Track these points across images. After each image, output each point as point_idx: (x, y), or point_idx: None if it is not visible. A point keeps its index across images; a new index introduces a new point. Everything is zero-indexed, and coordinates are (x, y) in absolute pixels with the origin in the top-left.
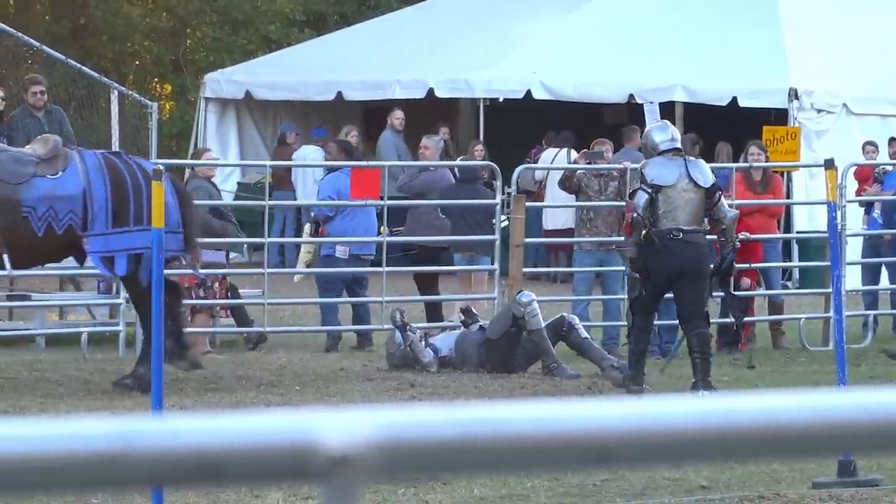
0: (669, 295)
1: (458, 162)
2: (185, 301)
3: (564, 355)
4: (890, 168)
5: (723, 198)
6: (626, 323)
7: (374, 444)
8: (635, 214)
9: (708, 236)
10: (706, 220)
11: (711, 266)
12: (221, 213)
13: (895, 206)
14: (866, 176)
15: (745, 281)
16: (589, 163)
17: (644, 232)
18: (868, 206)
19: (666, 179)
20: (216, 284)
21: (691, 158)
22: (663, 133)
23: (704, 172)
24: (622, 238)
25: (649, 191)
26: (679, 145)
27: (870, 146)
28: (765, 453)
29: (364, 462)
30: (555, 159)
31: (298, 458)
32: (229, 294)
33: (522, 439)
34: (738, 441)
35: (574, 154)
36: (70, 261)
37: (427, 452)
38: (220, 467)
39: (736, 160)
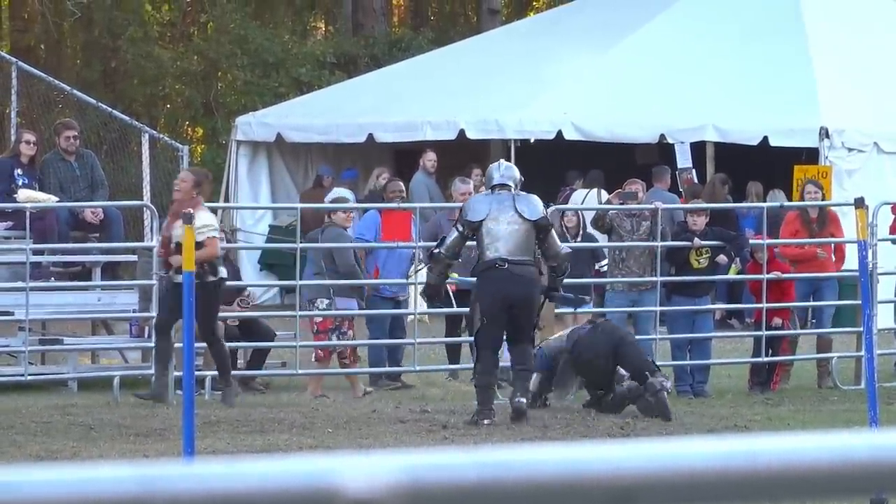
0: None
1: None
2: (319, 343)
3: None
4: None
5: (554, 234)
6: (657, 362)
7: (397, 488)
8: (437, 250)
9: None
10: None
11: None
12: (357, 259)
13: None
14: None
15: (777, 320)
16: (622, 203)
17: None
18: None
19: (476, 215)
20: (350, 331)
21: (521, 193)
22: (496, 172)
23: (532, 206)
24: (654, 278)
25: (461, 228)
26: (507, 181)
27: None
28: (790, 495)
29: None
30: (585, 199)
31: (321, 502)
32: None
33: (545, 482)
34: (762, 482)
35: (605, 194)
36: (102, 304)
37: (450, 496)
38: None
39: (764, 199)
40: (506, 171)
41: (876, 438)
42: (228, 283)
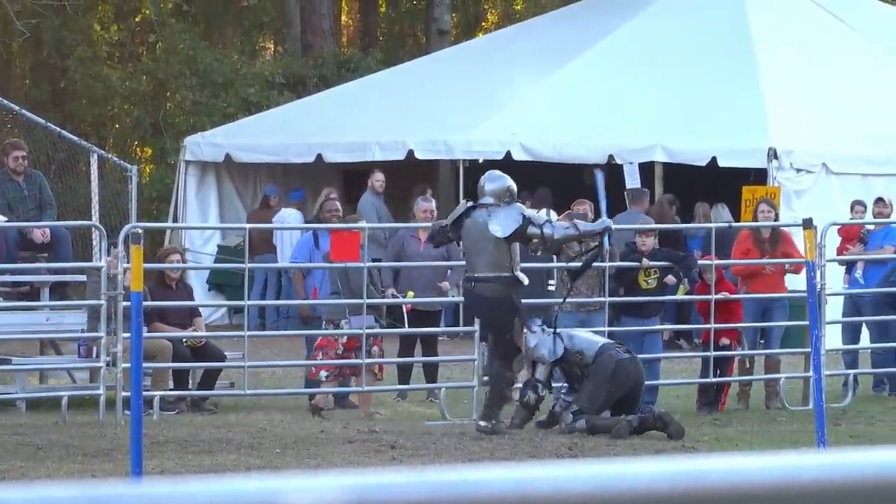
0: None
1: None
2: (340, 362)
3: None
4: (873, 228)
5: (546, 229)
6: None
7: None
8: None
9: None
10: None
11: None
12: (372, 278)
13: (877, 267)
14: (852, 235)
15: (725, 341)
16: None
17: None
18: (850, 266)
19: (450, 218)
20: (375, 347)
21: (500, 207)
22: (481, 186)
23: (502, 223)
24: (603, 299)
25: (452, 236)
26: (486, 199)
27: (858, 206)
28: None
29: None
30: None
31: None
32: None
33: (491, 502)
34: (709, 503)
35: (553, 213)
36: (50, 324)
37: None
38: None
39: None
40: (489, 184)
41: (823, 459)
42: (182, 303)
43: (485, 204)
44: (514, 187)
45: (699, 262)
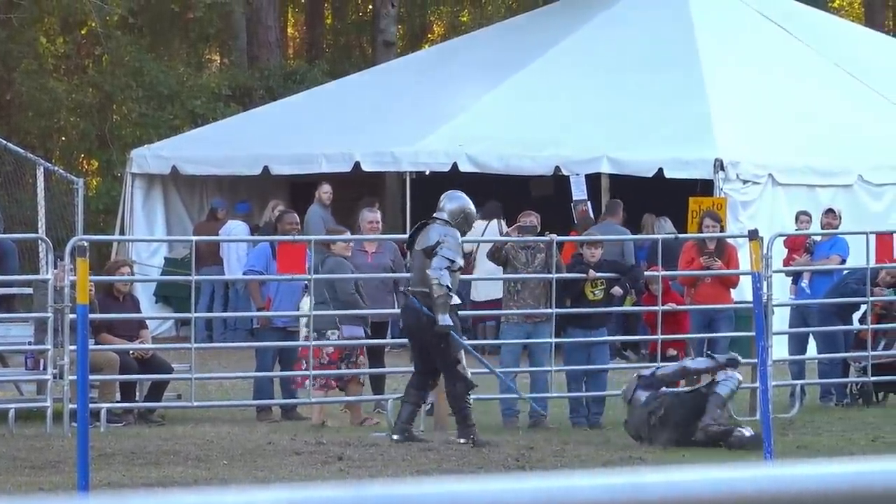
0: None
1: (380, 236)
2: (330, 372)
3: None
4: (819, 239)
5: (437, 259)
6: (553, 394)
7: None
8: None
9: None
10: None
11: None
12: (358, 288)
13: (824, 277)
14: (798, 245)
15: (671, 351)
16: (520, 236)
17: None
18: (796, 276)
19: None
20: (360, 357)
21: (435, 225)
22: (440, 204)
23: (425, 238)
24: (549, 310)
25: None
26: (439, 214)
27: (804, 216)
28: None
29: None
30: (485, 231)
31: None
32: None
33: None
34: None
35: (504, 225)
36: None
37: None
38: None
39: (652, 228)
40: (445, 202)
41: (770, 471)
42: (129, 315)
43: (437, 218)
44: (472, 211)
45: (645, 273)
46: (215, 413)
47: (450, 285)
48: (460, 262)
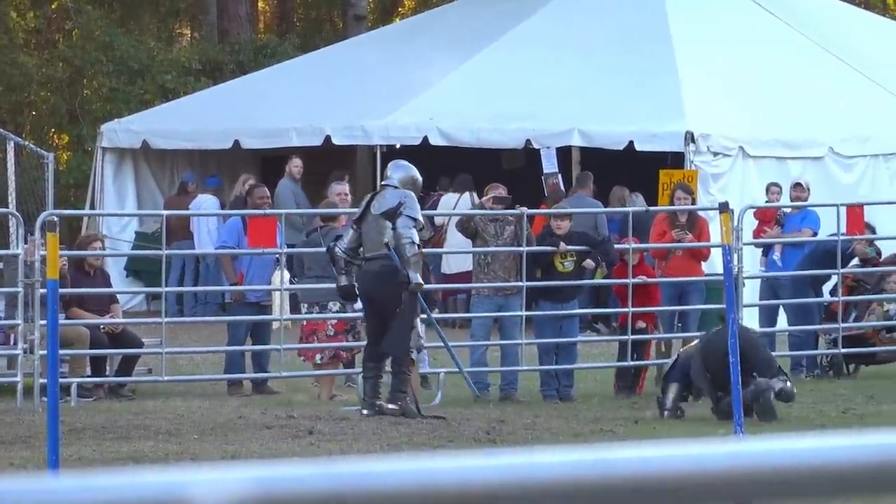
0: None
1: (353, 209)
2: (333, 345)
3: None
4: (789, 210)
5: (402, 222)
6: (523, 367)
7: (249, 499)
8: (332, 244)
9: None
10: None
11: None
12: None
13: (795, 250)
14: (769, 218)
15: (640, 324)
16: (494, 208)
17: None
18: (767, 249)
19: (357, 213)
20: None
21: (388, 191)
22: (387, 174)
23: (382, 202)
24: (520, 283)
25: (354, 226)
26: (388, 182)
27: (774, 187)
28: (650, 503)
29: None
30: (458, 203)
31: None
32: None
33: (396, 492)
34: (617, 491)
35: (476, 198)
36: None
37: None
38: None
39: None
40: (392, 171)
41: (742, 446)
42: (100, 290)
43: (387, 186)
44: (419, 178)
45: (616, 246)
46: (186, 387)
47: (420, 244)
48: (422, 222)
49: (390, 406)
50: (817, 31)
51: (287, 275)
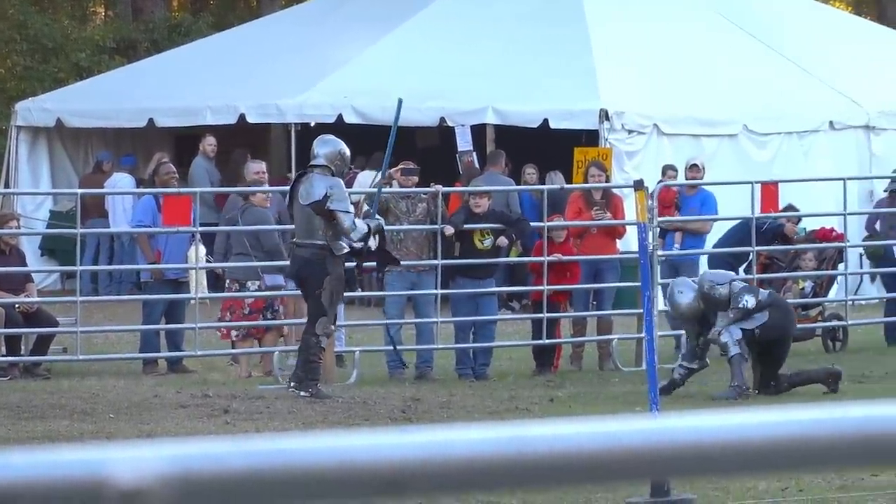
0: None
1: (276, 188)
2: (253, 323)
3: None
4: (686, 192)
5: (339, 215)
6: (439, 345)
7: (166, 478)
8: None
9: None
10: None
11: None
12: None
13: (695, 238)
14: (668, 201)
15: (554, 301)
16: (403, 181)
17: None
18: (664, 231)
19: (287, 198)
20: (282, 307)
21: (313, 175)
22: (313, 151)
23: (310, 190)
24: (434, 261)
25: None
26: (316, 161)
27: (671, 170)
28: (570, 480)
29: (157, 496)
30: (374, 181)
31: (90, 493)
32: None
33: (315, 469)
34: (539, 468)
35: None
36: None
37: (220, 485)
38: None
39: (542, 181)
40: (320, 148)
41: (655, 422)
42: (15, 269)
43: (316, 166)
44: (346, 151)
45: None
46: (101, 366)
47: (365, 232)
48: (351, 208)
49: (302, 393)
50: (732, 10)
51: (203, 251)
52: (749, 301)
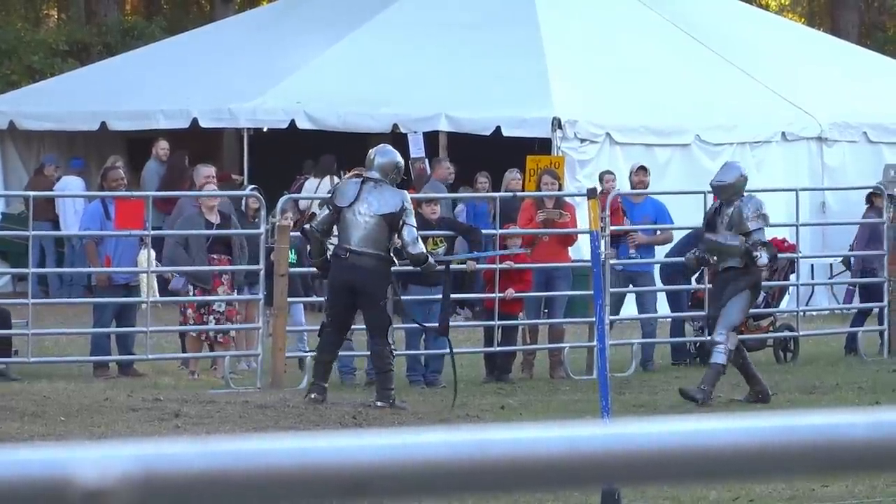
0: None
1: (226, 192)
2: (195, 327)
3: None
4: (632, 200)
5: (406, 230)
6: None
7: (129, 478)
8: (307, 226)
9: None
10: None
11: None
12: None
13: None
14: (614, 209)
15: (510, 292)
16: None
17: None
18: (614, 238)
19: (342, 200)
20: (237, 316)
21: (382, 184)
22: (370, 159)
23: (382, 200)
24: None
25: (330, 207)
26: (373, 174)
27: (608, 175)
28: (521, 486)
29: (119, 497)
30: (318, 187)
31: (52, 494)
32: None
33: (276, 472)
34: (493, 474)
35: (337, 180)
36: None
37: (183, 485)
38: None
39: (497, 189)
40: (377, 158)
41: (607, 429)
42: None
43: (372, 178)
44: (402, 163)
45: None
46: (51, 369)
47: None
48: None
49: (379, 403)
50: (686, 20)
51: (154, 255)
52: (762, 258)
